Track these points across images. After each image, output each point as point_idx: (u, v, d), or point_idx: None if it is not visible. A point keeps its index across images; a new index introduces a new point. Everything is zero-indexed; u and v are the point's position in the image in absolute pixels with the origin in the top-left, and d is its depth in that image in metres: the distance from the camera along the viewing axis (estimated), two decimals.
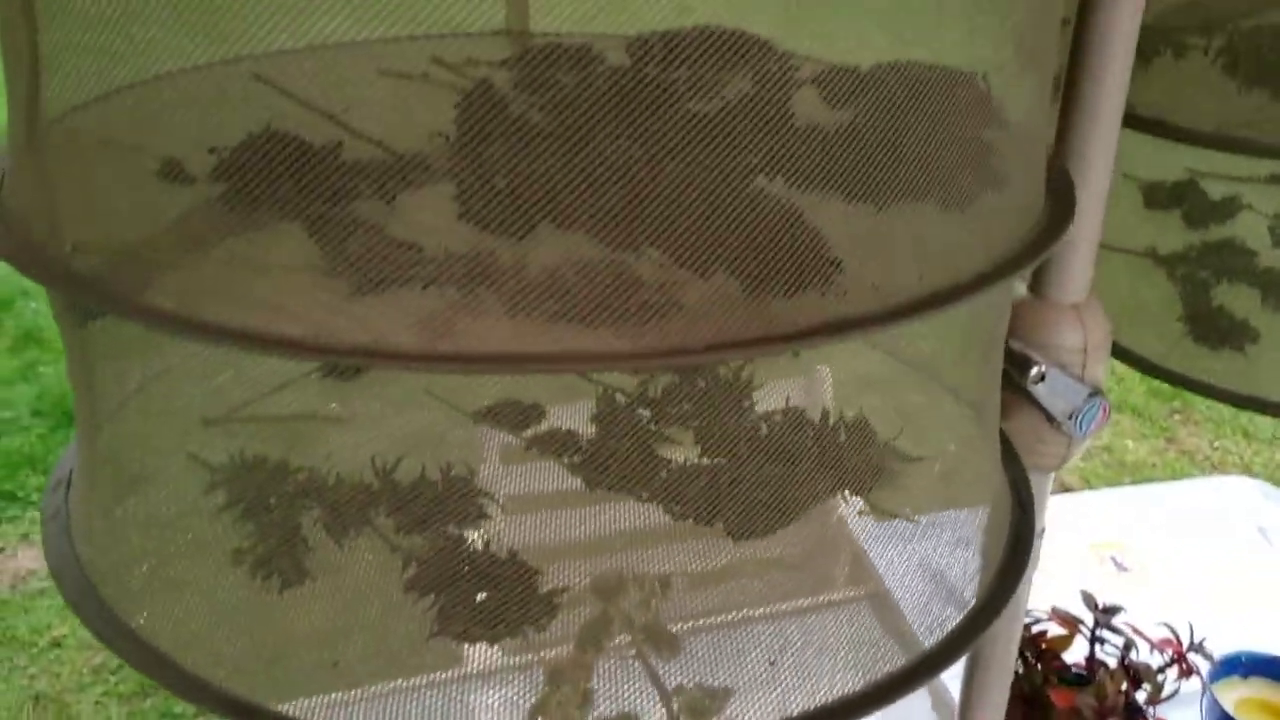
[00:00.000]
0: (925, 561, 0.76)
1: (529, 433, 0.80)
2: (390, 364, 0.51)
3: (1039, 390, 0.80)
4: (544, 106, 0.72)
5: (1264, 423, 2.88)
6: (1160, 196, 1.02)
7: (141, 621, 0.65)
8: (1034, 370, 0.77)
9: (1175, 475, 2.59)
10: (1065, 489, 2.66)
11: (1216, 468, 2.80)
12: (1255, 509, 1.81)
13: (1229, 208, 1.02)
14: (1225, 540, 1.71)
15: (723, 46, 0.74)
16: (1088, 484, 2.71)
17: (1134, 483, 2.65)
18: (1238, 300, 1.00)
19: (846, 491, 0.76)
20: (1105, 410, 0.83)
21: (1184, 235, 1.02)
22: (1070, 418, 0.81)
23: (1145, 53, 0.89)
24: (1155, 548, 1.65)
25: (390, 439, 0.77)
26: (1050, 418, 0.83)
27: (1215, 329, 0.97)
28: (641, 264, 0.55)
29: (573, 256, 0.54)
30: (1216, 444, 2.91)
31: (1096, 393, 0.82)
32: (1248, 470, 2.83)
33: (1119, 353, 0.99)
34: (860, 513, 0.75)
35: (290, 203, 0.58)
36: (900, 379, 0.88)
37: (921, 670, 0.70)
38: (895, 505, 0.76)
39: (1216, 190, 1.01)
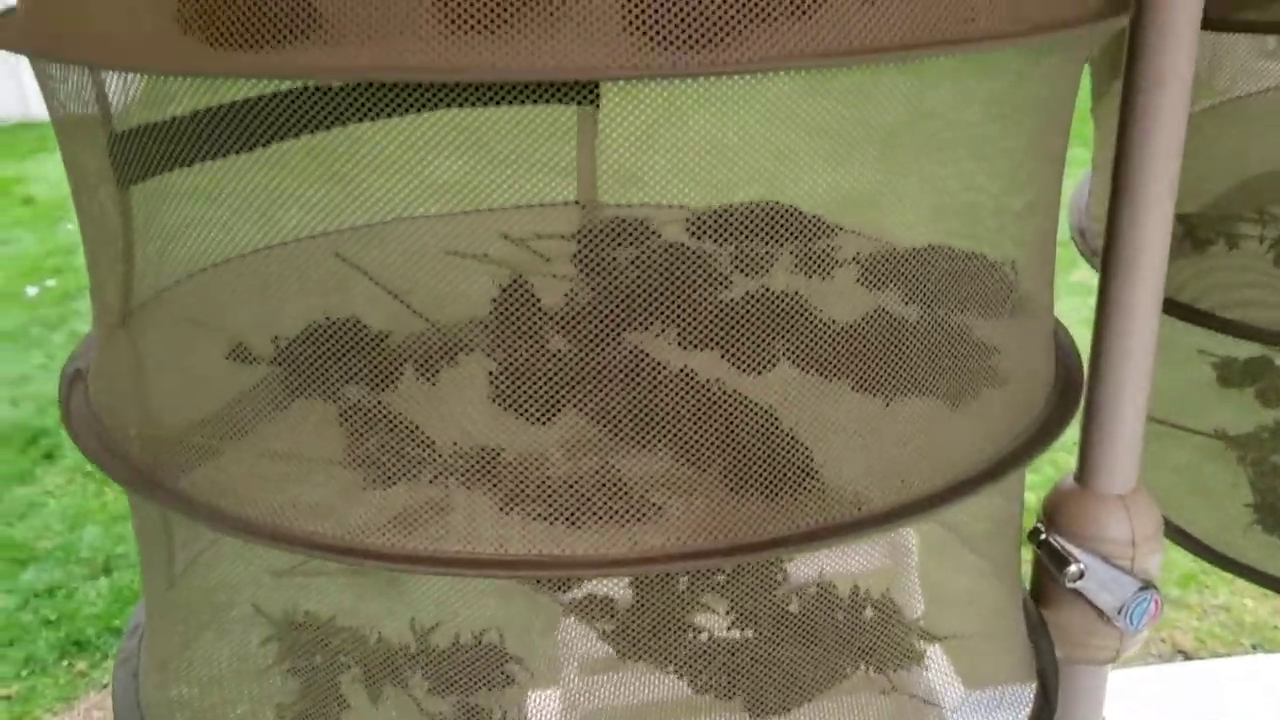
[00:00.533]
0: None
1: (568, 597, 0.83)
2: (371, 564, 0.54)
3: (1084, 586, 0.79)
4: (584, 289, 0.77)
5: None
6: (1234, 374, 1.00)
7: None
8: (1071, 568, 0.76)
9: None
10: (1179, 650, 2.52)
11: None
12: None
13: None
14: None
15: (773, 224, 0.79)
16: (1202, 644, 2.55)
17: (1254, 647, 2.49)
18: None
19: (870, 670, 0.76)
20: (1157, 604, 0.80)
21: (1257, 415, 0.99)
22: (1120, 612, 0.79)
23: (1199, 241, 0.89)
24: None
25: (433, 600, 0.81)
26: (1100, 611, 0.81)
27: None
28: (632, 466, 0.58)
29: (566, 460, 0.57)
30: None
31: (1148, 586, 0.80)
32: None
33: (1172, 531, 0.96)
34: (883, 692, 0.75)
35: (333, 389, 0.64)
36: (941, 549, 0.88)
37: None
38: (918, 685, 0.76)
39: None
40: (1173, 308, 0.86)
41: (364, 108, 0.65)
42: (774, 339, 0.70)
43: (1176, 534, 0.97)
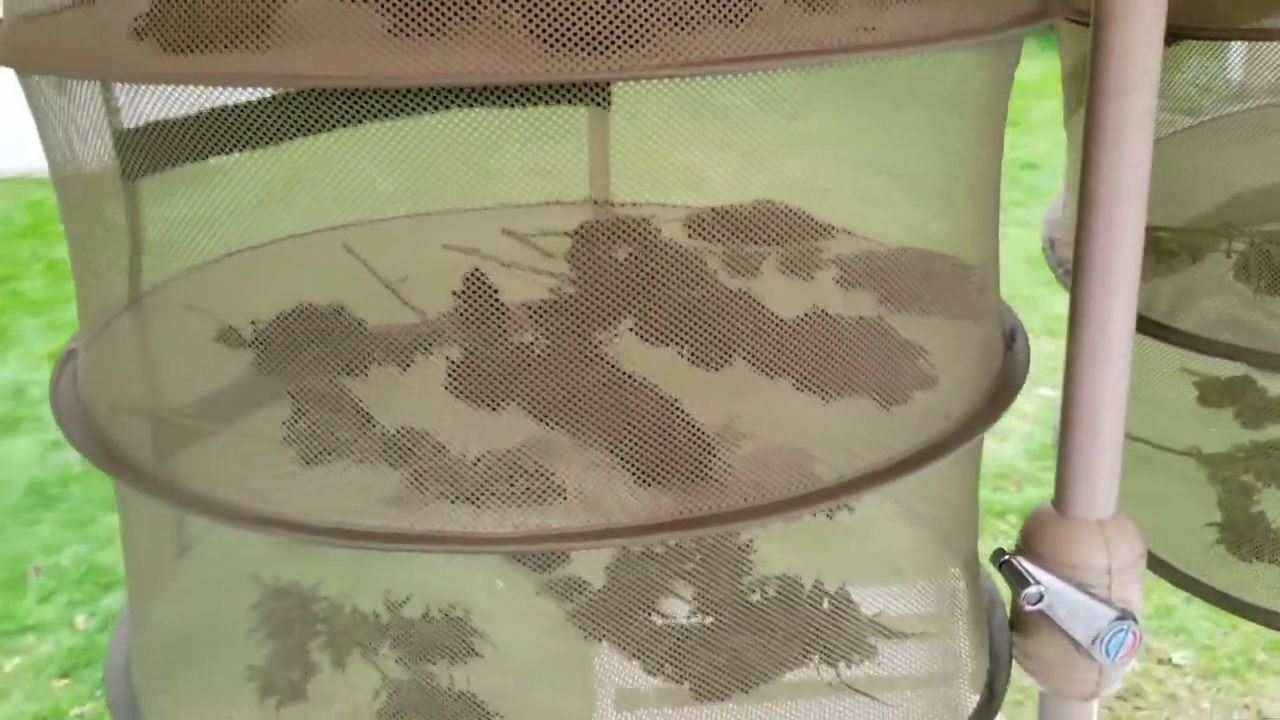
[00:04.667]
0: None
1: (545, 576, 0.86)
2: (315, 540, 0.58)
3: (1058, 614, 0.77)
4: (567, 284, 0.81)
5: None
6: (1213, 394, 0.96)
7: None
8: (1030, 590, 0.74)
9: None
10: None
11: None
12: None
13: None
14: None
15: (767, 224, 0.81)
16: None
17: None
18: None
19: (820, 663, 0.77)
20: (1136, 636, 0.78)
21: (1235, 435, 0.95)
22: (1094, 642, 0.77)
23: (1163, 254, 0.87)
24: None
25: (417, 574, 0.85)
26: (1078, 643, 0.79)
27: (1250, 539, 0.90)
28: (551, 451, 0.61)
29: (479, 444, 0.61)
30: None
31: (1125, 616, 0.77)
32: None
33: (1154, 564, 0.93)
34: (830, 685, 0.76)
35: (299, 374, 0.69)
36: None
37: None
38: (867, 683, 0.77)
39: (1276, 387, 0.94)
40: (1149, 326, 0.84)
41: (366, 109, 0.70)
42: (728, 337, 0.72)
43: (1156, 565, 0.94)
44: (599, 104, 0.95)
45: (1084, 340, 0.75)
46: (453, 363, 0.67)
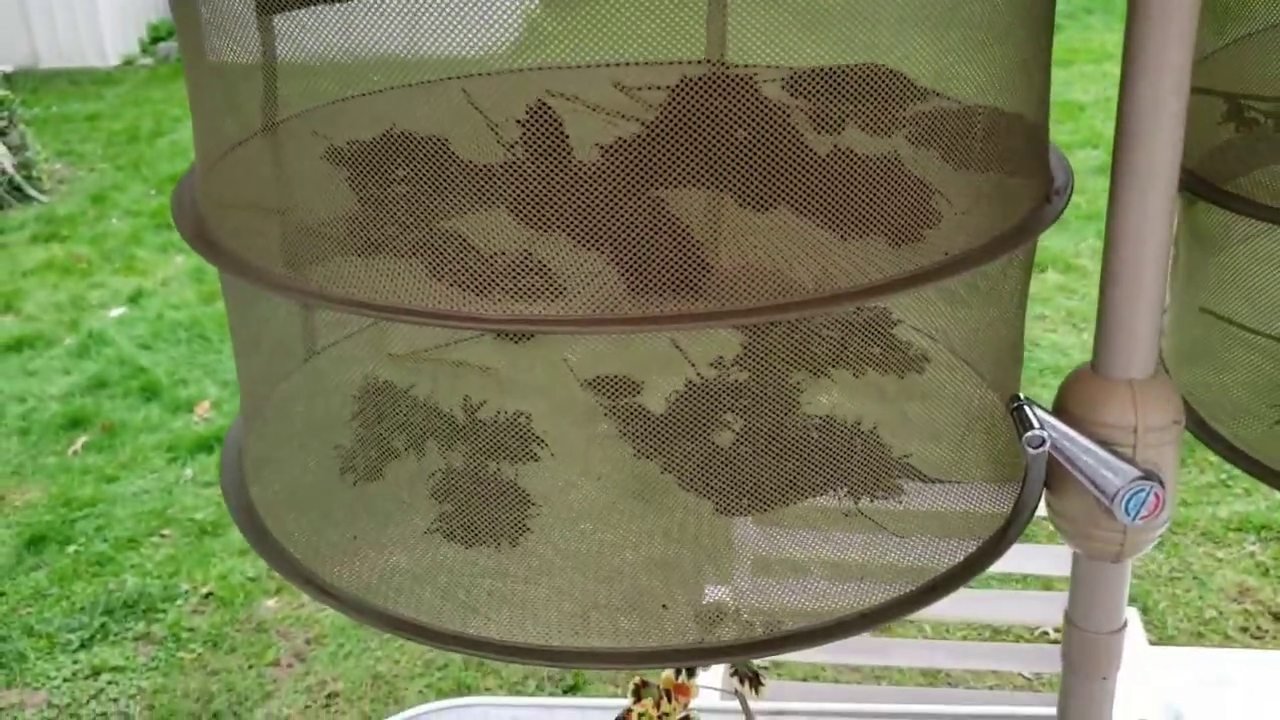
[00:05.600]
0: None
1: (611, 402, 0.94)
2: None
3: (1074, 466, 0.79)
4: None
5: None
6: None
7: (254, 491, 0.88)
8: (1030, 434, 0.76)
9: None
10: None
11: None
12: None
13: None
14: None
15: (859, 83, 0.85)
16: None
17: None
18: None
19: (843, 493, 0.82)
20: (1158, 497, 0.79)
21: None
22: (1114, 499, 0.78)
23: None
24: None
25: (507, 389, 0.95)
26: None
27: None
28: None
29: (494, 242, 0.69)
30: None
31: (1149, 477, 0.79)
32: None
33: (1208, 435, 0.91)
34: (846, 514, 0.81)
35: (378, 185, 0.78)
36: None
37: None
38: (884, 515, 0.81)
39: None
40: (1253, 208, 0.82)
41: None
42: (773, 182, 0.77)
43: (1208, 434, 0.92)
44: None
45: (1126, 200, 0.75)
46: (514, 182, 0.75)
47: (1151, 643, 2.27)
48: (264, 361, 0.98)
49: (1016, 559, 0.88)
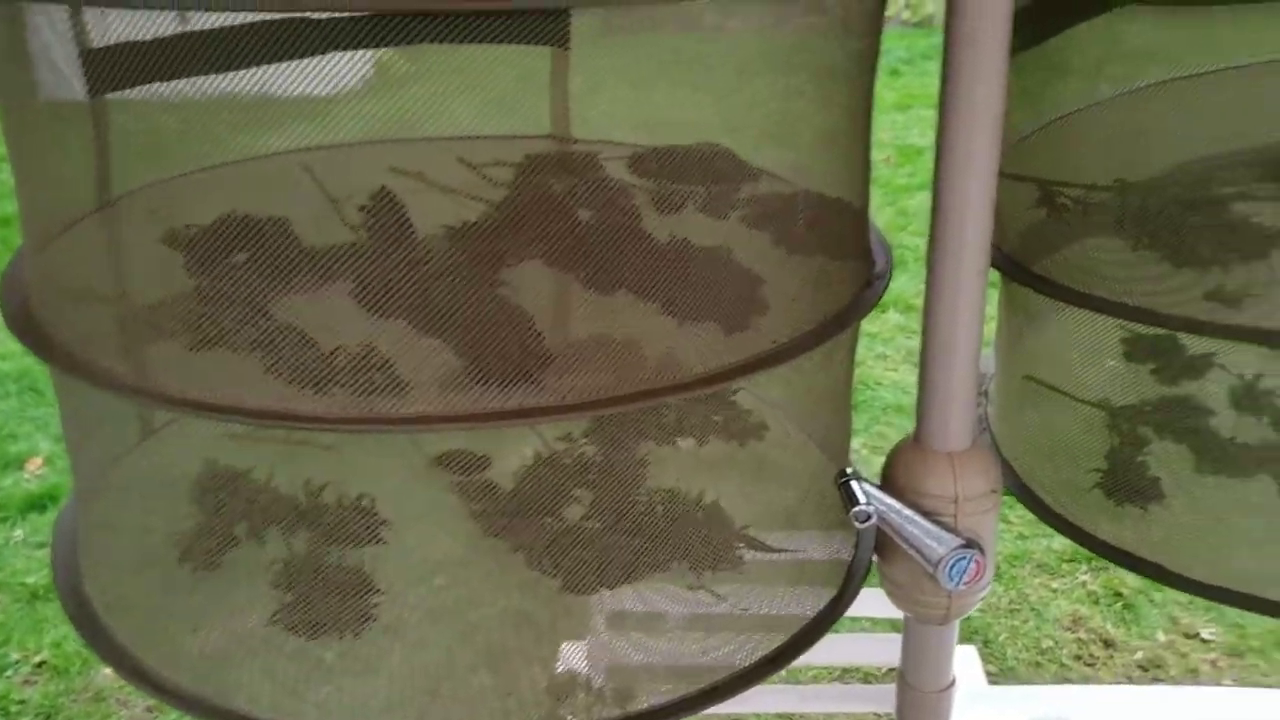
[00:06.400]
0: None
1: (456, 478, 0.94)
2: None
3: (899, 537, 0.82)
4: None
5: None
6: (1139, 350, 0.99)
7: (87, 579, 0.86)
8: (857, 509, 0.80)
9: None
10: None
11: None
12: None
13: (1202, 365, 0.97)
14: None
15: (698, 162, 0.88)
16: None
17: None
18: (1165, 459, 0.95)
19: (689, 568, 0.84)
20: (979, 564, 0.83)
21: (1148, 389, 0.98)
22: (938, 567, 0.82)
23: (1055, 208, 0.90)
24: None
25: (351, 469, 0.94)
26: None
27: (1125, 484, 0.93)
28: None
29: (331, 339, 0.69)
30: None
31: (971, 545, 0.83)
32: None
33: (1031, 501, 0.97)
34: (690, 587, 0.83)
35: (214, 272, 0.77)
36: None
37: None
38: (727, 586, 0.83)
39: (1197, 346, 0.97)
40: (1063, 292, 0.88)
41: (339, 38, 0.77)
42: (617, 265, 0.79)
43: (1027, 497, 0.98)
44: (559, 45, 1.02)
45: (940, 283, 0.80)
46: (357, 271, 0.75)
47: (991, 676, 2.36)
48: (96, 441, 0.96)
49: (865, 602, 0.92)
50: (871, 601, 0.91)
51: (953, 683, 0.93)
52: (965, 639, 2.47)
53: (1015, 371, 1.05)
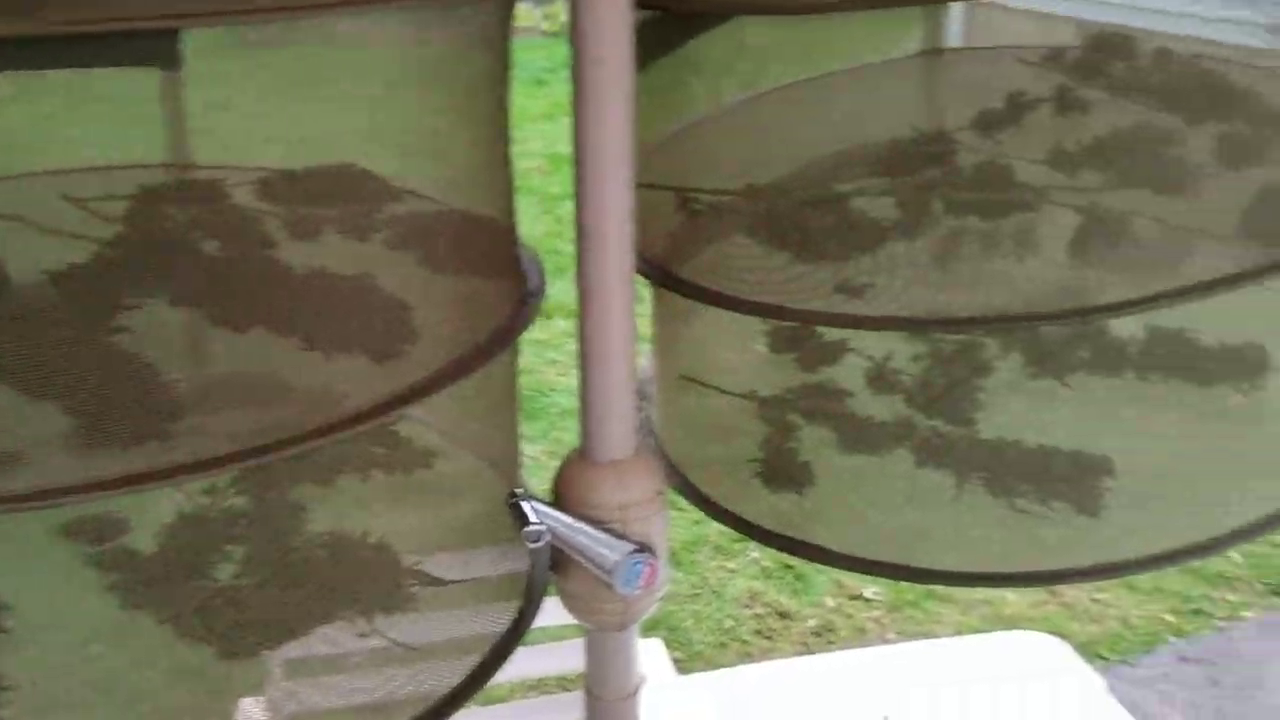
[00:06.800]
0: None
1: (93, 549, 0.85)
2: None
3: (572, 549, 0.82)
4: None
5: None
6: (780, 340, 1.05)
7: None
8: (528, 529, 0.80)
9: (1055, 629, 2.52)
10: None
11: (1095, 620, 2.73)
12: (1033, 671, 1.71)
13: (836, 351, 1.05)
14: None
15: (334, 184, 0.82)
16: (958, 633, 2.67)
17: None
18: (813, 443, 1.02)
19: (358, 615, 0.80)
20: (653, 568, 0.84)
21: (791, 378, 1.05)
22: (611, 573, 0.83)
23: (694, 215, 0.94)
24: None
25: None
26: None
27: (779, 471, 0.99)
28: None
29: None
30: (1098, 596, 2.86)
31: (643, 549, 0.84)
32: (1126, 623, 2.76)
33: (698, 498, 1.01)
34: (361, 635, 0.79)
35: None
36: None
37: None
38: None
39: (833, 333, 1.04)
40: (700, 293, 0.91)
41: None
42: (249, 300, 0.74)
43: (695, 497, 1.02)
44: (168, 67, 0.94)
45: (588, 296, 0.80)
46: None
47: (679, 663, 2.43)
48: None
49: (552, 612, 0.91)
50: (558, 610, 0.91)
51: (639, 687, 0.94)
52: (650, 631, 2.55)
53: (672, 372, 1.08)
